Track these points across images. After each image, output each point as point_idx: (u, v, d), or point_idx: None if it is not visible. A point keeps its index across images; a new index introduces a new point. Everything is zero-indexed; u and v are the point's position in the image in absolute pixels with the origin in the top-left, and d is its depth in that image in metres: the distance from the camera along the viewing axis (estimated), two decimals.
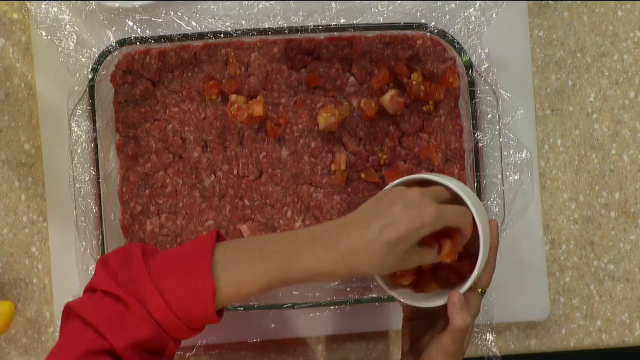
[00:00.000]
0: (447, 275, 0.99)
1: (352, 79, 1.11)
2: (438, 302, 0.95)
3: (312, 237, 0.90)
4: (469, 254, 0.96)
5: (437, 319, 0.98)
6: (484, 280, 0.96)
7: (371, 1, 1.12)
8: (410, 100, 1.11)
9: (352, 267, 0.89)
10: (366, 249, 0.88)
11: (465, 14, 1.11)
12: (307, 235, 0.91)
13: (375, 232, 0.88)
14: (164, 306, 0.86)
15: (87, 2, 1.11)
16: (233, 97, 1.09)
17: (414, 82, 1.09)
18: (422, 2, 1.12)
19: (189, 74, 1.11)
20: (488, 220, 0.96)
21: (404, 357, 0.99)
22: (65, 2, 1.12)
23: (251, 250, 0.90)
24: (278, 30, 1.10)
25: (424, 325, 0.99)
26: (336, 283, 1.13)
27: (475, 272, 0.93)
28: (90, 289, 0.89)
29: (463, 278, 0.96)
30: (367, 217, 0.90)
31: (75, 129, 1.09)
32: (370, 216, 0.89)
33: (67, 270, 1.13)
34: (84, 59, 1.10)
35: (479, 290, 0.96)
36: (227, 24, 1.11)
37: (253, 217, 1.12)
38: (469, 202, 0.93)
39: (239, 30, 1.09)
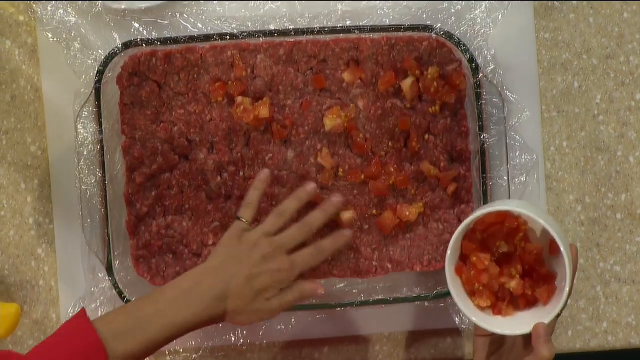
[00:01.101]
0: (518, 298, 1.03)
1: (358, 80, 1.11)
2: (523, 329, 0.97)
3: (181, 292, 0.99)
4: (543, 278, 1.00)
5: (513, 338, 1.00)
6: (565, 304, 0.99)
7: (377, 2, 1.12)
8: (417, 100, 1.11)
9: (227, 310, 1.00)
10: (235, 292, 0.99)
11: (471, 16, 1.12)
12: (176, 290, 1.00)
13: (242, 280, 0.99)
14: None
15: (93, 3, 1.11)
16: (239, 98, 1.09)
17: (428, 76, 1.09)
18: (427, 3, 1.12)
19: (195, 75, 1.11)
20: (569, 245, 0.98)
21: None
22: (71, 3, 1.12)
23: (127, 321, 0.97)
24: (284, 32, 1.10)
25: (497, 342, 1.02)
26: (343, 284, 1.13)
27: (562, 301, 0.96)
28: None
29: (534, 300, 1.01)
30: (230, 264, 1.01)
31: (81, 131, 1.09)
32: (233, 264, 1.01)
33: (73, 272, 1.13)
34: (89, 61, 1.11)
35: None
36: (233, 25, 1.11)
37: (259, 218, 1.12)
38: (548, 227, 0.96)
39: (245, 32, 1.09)
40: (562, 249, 0.95)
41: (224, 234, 1.05)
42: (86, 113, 1.09)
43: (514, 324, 1.00)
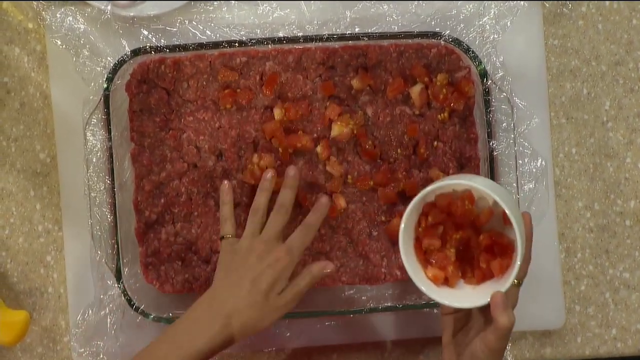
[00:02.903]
0: (474, 270, 1.02)
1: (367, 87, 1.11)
2: (480, 302, 0.96)
3: (193, 320, 1.00)
4: (504, 250, 0.99)
5: (476, 312, 1.00)
6: (521, 272, 0.98)
7: (386, 9, 1.12)
8: (426, 107, 1.11)
9: (245, 323, 0.99)
10: (247, 301, 0.99)
11: (480, 23, 1.12)
12: (188, 320, 1.00)
13: (248, 286, 1.00)
14: None
15: (102, 11, 1.11)
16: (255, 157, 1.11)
17: (437, 83, 1.09)
18: (436, 10, 1.12)
19: (204, 83, 1.11)
20: (521, 214, 0.98)
21: (445, 349, 1.01)
22: (81, 11, 1.12)
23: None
24: (293, 39, 1.10)
25: (464, 318, 1.01)
26: (352, 291, 1.13)
27: (515, 270, 0.95)
28: None
29: (491, 272, 0.99)
30: (232, 278, 1.01)
31: (91, 138, 1.09)
32: (235, 277, 1.01)
33: (83, 279, 1.13)
34: (99, 68, 1.11)
35: (516, 282, 0.97)
36: (242, 33, 1.11)
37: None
38: (498, 199, 0.95)
39: (254, 39, 1.10)
40: (511, 218, 0.94)
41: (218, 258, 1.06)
42: (95, 120, 1.09)
43: (473, 297, 0.99)
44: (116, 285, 1.10)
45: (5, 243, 1.16)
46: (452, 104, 1.10)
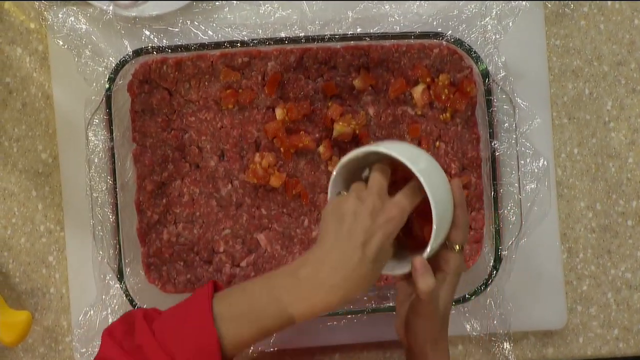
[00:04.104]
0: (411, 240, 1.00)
1: (369, 88, 1.11)
2: (404, 270, 0.95)
3: (298, 281, 0.91)
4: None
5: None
6: (459, 238, 0.96)
7: (388, 9, 1.12)
8: (428, 107, 1.11)
9: (346, 295, 0.90)
10: (356, 273, 0.90)
11: (482, 23, 1.11)
12: (293, 278, 0.92)
13: (360, 254, 0.90)
14: None
15: (104, 11, 1.11)
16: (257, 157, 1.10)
17: (439, 83, 1.09)
18: (438, 10, 1.12)
19: (206, 83, 1.11)
20: (444, 178, 0.95)
21: (396, 317, 1.01)
22: (83, 11, 1.12)
23: (242, 304, 0.92)
24: (294, 40, 1.10)
25: (412, 288, 0.97)
26: None
27: (433, 234, 0.92)
28: None
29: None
30: (341, 243, 0.91)
31: (92, 138, 1.09)
32: (343, 242, 0.91)
33: (84, 279, 1.13)
34: (101, 69, 1.11)
35: (456, 247, 0.96)
36: (244, 33, 1.11)
37: (270, 226, 1.12)
38: (409, 165, 0.92)
39: (256, 39, 1.09)
40: (420, 178, 0.91)
41: (323, 212, 0.96)
42: (97, 120, 1.09)
43: (401, 265, 0.96)
44: (118, 285, 1.10)
45: (7, 243, 1.16)
46: (454, 104, 1.10)
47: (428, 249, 0.93)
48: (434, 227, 0.92)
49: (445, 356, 0.98)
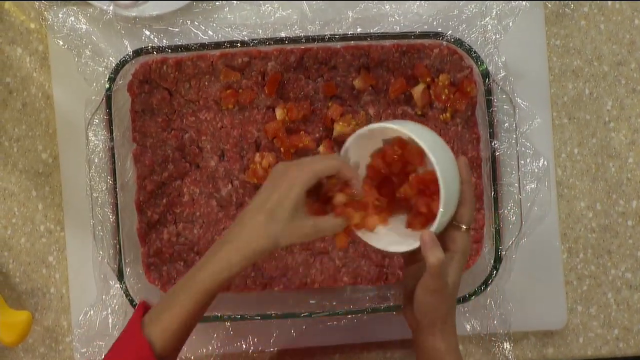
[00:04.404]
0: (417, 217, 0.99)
1: (370, 88, 1.11)
2: (413, 245, 0.94)
3: (221, 242, 0.93)
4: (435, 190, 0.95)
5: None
6: (465, 216, 0.96)
7: (388, 9, 1.13)
8: (428, 107, 1.11)
9: (251, 243, 0.91)
10: (256, 224, 0.91)
11: (482, 23, 1.12)
12: (218, 243, 0.94)
13: (259, 205, 0.92)
14: None
15: (104, 11, 1.11)
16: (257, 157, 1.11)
17: (440, 83, 1.09)
18: (438, 10, 1.12)
19: (206, 83, 1.11)
20: (451, 154, 0.95)
21: (403, 299, 1.01)
22: (83, 11, 1.12)
23: (162, 302, 0.94)
24: (295, 40, 1.10)
25: (422, 268, 0.97)
26: (354, 291, 1.13)
27: (440, 209, 0.92)
28: None
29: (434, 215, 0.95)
30: (257, 203, 0.93)
31: (93, 138, 1.10)
32: (257, 202, 0.93)
33: (85, 279, 1.13)
34: (101, 69, 1.11)
35: (463, 227, 0.96)
36: (244, 33, 1.11)
37: None
38: (421, 143, 0.92)
39: (256, 39, 1.09)
40: (428, 154, 0.91)
41: None
42: (97, 120, 1.09)
43: (412, 242, 0.96)
44: (118, 285, 1.10)
45: (7, 243, 1.16)
46: (454, 104, 1.10)
47: (436, 224, 0.93)
48: (442, 200, 0.92)
49: (453, 336, 0.98)
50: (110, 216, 1.09)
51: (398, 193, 0.99)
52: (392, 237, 0.98)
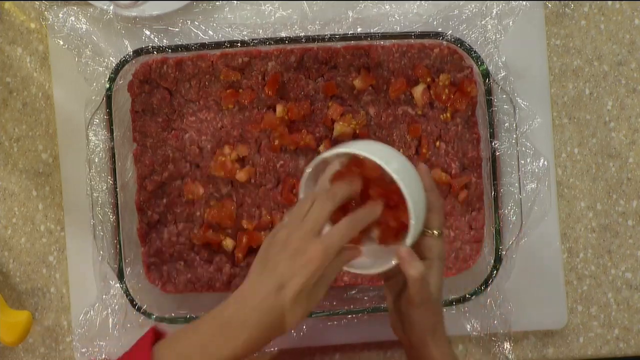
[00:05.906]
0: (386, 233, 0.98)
1: (369, 87, 1.11)
2: (390, 264, 0.94)
3: (222, 323, 0.90)
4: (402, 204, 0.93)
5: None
6: (435, 222, 0.95)
7: (388, 9, 1.13)
8: (429, 107, 1.11)
9: (268, 334, 0.89)
10: (271, 316, 0.88)
11: (482, 23, 1.11)
12: (218, 321, 0.90)
13: (272, 299, 0.88)
14: None
15: (105, 11, 1.11)
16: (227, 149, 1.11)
17: (440, 83, 1.09)
18: (439, 10, 1.12)
19: (206, 83, 1.11)
20: (410, 165, 0.94)
21: (390, 316, 1.00)
22: (83, 11, 1.12)
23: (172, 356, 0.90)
24: (295, 39, 1.10)
25: (401, 282, 0.97)
26: (354, 291, 1.13)
27: (412, 221, 0.91)
28: None
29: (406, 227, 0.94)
30: (260, 283, 0.90)
31: (93, 138, 1.10)
32: (263, 281, 0.90)
33: (85, 279, 1.13)
34: (101, 69, 1.11)
35: (435, 233, 0.95)
36: (244, 33, 1.11)
37: (270, 226, 1.12)
38: (372, 157, 0.91)
39: (256, 39, 1.09)
40: (385, 168, 0.90)
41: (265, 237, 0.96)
42: (97, 120, 1.09)
43: (385, 261, 0.94)
44: (118, 285, 1.10)
45: (7, 243, 1.16)
46: (454, 104, 1.10)
47: (409, 238, 0.92)
48: (411, 212, 0.91)
49: (445, 344, 0.98)
50: (111, 216, 1.09)
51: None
52: (368, 259, 0.97)
